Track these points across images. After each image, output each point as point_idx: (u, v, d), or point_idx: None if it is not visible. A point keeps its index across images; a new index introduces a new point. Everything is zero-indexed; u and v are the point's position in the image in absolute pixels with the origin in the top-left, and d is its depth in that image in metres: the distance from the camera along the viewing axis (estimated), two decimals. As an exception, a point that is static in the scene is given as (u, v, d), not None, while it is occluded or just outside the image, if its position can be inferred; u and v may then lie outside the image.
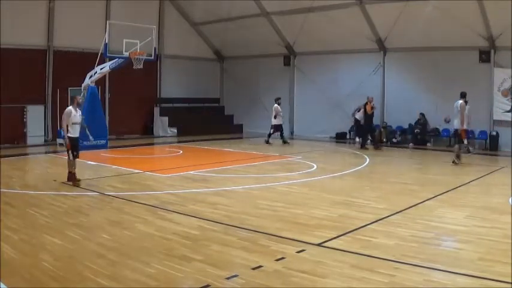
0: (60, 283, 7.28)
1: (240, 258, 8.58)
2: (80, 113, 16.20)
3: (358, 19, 29.82)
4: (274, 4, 32.01)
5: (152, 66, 32.55)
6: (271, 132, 29.79)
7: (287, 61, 36.08)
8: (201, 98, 38.00)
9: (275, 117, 29.49)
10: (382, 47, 31.32)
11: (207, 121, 35.88)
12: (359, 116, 28.45)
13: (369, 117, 27.58)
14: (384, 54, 31.59)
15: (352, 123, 30.90)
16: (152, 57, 26.36)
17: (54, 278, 7.44)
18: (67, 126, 15.74)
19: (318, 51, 33.81)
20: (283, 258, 8.58)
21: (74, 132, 15.87)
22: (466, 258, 8.79)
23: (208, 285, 7.28)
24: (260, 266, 8.14)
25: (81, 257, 8.44)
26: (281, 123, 29.81)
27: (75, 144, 15.94)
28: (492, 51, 27.38)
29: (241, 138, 34.25)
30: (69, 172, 15.83)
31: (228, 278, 7.58)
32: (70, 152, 15.72)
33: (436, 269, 8.11)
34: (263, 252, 8.93)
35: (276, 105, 29.45)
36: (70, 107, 15.98)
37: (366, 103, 27.56)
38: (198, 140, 30.23)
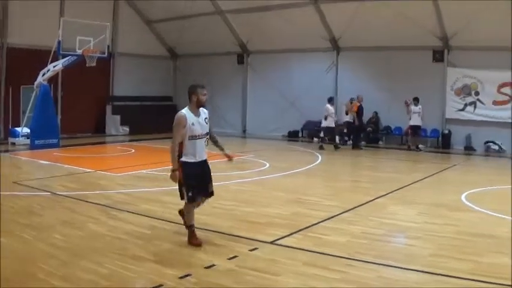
0: (12, 284, 7.14)
1: (192, 257, 8.54)
2: (205, 116, 9.61)
3: (312, 18, 30.02)
4: (229, 3, 32.02)
5: (105, 64, 32.25)
6: (323, 135, 27.84)
7: (241, 59, 36.13)
8: (154, 96, 37.78)
9: (325, 119, 27.27)
10: (335, 46, 31.55)
11: (159, 119, 35.29)
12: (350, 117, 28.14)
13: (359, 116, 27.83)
14: (338, 54, 31.83)
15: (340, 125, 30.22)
16: (105, 55, 26.26)
17: (6, 279, 7.26)
18: (179, 144, 9.53)
19: (272, 50, 33.92)
20: (236, 256, 8.57)
21: (193, 153, 9.50)
22: (418, 255, 8.92)
23: (161, 285, 7.23)
24: (213, 265, 8.11)
25: (33, 258, 8.30)
26: (333, 125, 27.58)
27: (198, 181, 9.47)
28: (446, 50, 27.82)
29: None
30: (182, 213, 9.84)
31: (181, 278, 7.53)
32: (185, 189, 9.37)
33: (388, 266, 8.21)
34: (216, 251, 8.92)
35: (327, 105, 27.18)
36: (184, 111, 9.45)
37: (353, 102, 27.67)
38: (150, 139, 30.05)
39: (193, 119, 9.33)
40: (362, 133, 28.86)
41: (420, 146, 27.36)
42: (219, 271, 7.92)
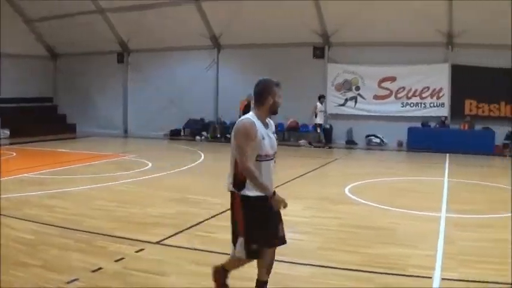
0: None
1: (78, 261, 8.26)
2: (273, 127, 6.85)
3: (193, 16, 30.17)
4: (109, 2, 31.64)
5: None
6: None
7: (121, 58, 35.73)
8: (34, 97, 36.66)
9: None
10: (216, 43, 31.75)
11: (40, 121, 34.66)
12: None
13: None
14: (218, 51, 32.09)
15: None
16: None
17: None
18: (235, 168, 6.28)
19: (153, 48, 33.77)
20: (122, 258, 8.40)
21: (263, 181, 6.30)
22: (307, 249, 9.07)
23: (48, 291, 6.95)
24: (100, 268, 7.90)
25: None
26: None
27: (268, 225, 6.65)
28: (326, 47, 28.49)
29: (74, 138, 33.46)
30: (218, 271, 6.97)
31: (68, 282, 7.28)
32: (245, 240, 6.35)
33: (279, 261, 8.01)
34: (102, 253, 8.69)
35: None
36: (251, 117, 6.38)
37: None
38: (31, 141, 29.00)
39: (263, 131, 6.33)
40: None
41: (301, 141, 27.86)
42: (107, 274, 7.73)
